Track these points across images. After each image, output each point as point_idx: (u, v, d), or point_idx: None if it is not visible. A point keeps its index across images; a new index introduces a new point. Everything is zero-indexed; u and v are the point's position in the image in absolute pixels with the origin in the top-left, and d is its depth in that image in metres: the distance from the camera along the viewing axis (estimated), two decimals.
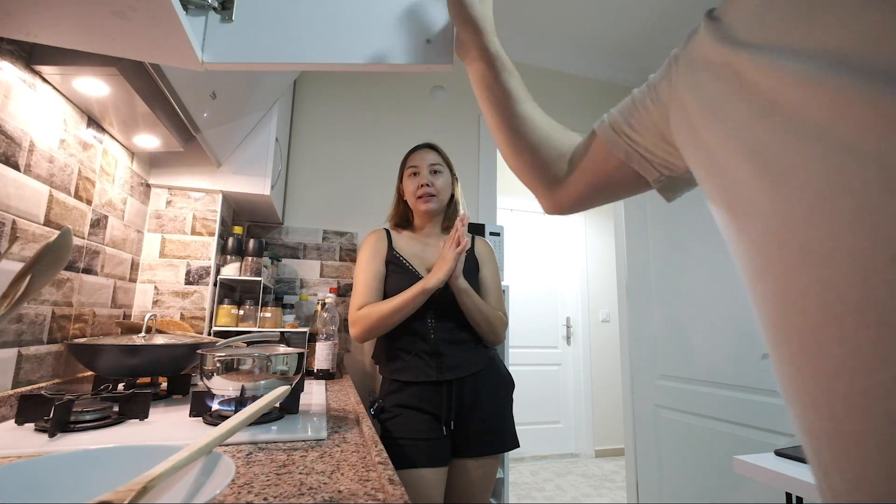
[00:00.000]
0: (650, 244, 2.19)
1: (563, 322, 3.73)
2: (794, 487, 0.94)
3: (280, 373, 0.80)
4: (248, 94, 1.29)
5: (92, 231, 1.04)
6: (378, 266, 1.20)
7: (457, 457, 1.10)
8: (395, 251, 1.23)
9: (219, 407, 0.78)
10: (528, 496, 2.75)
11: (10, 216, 0.76)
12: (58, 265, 0.58)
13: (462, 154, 2.10)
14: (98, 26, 0.61)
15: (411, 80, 2.14)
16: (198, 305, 1.35)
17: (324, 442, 0.68)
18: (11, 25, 0.63)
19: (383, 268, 1.21)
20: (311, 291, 1.79)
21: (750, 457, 1.07)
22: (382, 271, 1.20)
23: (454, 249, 1.09)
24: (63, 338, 0.95)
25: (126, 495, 0.33)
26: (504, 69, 0.59)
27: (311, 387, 1.18)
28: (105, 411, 0.73)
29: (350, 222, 1.91)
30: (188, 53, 0.62)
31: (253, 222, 1.78)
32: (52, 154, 0.87)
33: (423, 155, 1.27)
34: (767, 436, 1.57)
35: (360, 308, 1.14)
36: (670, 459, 1.97)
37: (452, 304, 1.15)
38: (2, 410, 0.76)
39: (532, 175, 0.59)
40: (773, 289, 0.28)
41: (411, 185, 1.25)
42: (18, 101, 0.77)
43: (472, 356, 1.15)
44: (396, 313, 1.09)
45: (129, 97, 0.90)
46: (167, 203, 1.37)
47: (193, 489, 0.39)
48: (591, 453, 3.55)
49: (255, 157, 1.44)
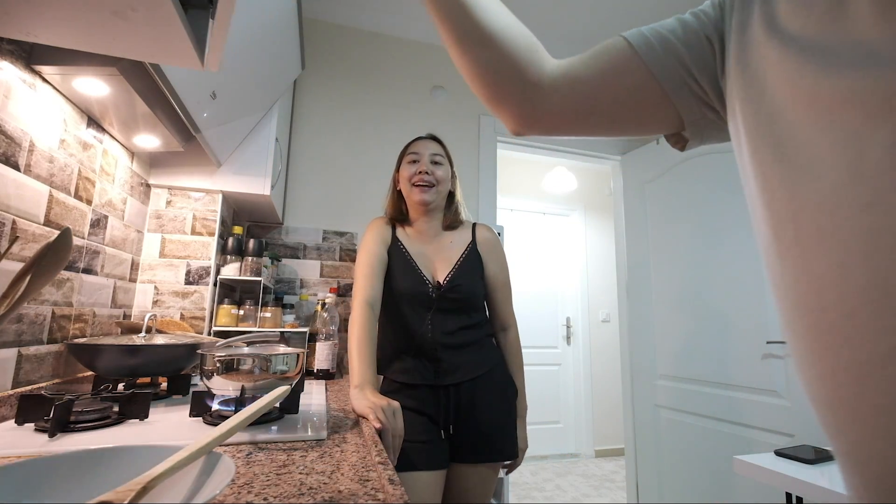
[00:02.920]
0: (650, 244, 2.19)
1: (563, 322, 3.73)
2: (794, 487, 0.94)
3: (280, 373, 0.80)
4: (248, 94, 1.29)
5: (92, 231, 1.04)
6: (381, 249, 1.15)
7: (455, 461, 1.09)
8: (399, 240, 1.19)
9: (219, 407, 0.78)
10: (528, 496, 2.75)
11: (10, 216, 0.76)
12: (58, 265, 0.58)
13: (462, 154, 2.10)
14: (98, 26, 0.61)
15: (412, 79, 2.14)
16: (198, 305, 1.35)
17: (324, 442, 0.68)
18: (11, 25, 0.63)
19: (386, 254, 1.15)
20: (311, 291, 1.79)
21: (750, 457, 1.07)
22: (385, 257, 1.15)
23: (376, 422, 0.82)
24: (63, 338, 0.95)
25: (126, 495, 0.33)
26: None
27: (311, 387, 1.18)
28: (105, 411, 0.73)
29: (350, 222, 1.91)
30: (188, 53, 0.62)
31: (253, 222, 1.78)
32: (52, 154, 0.87)
33: (426, 143, 1.21)
34: (767, 436, 1.57)
35: (360, 299, 1.06)
36: (670, 459, 1.97)
37: (453, 307, 1.13)
38: (2, 410, 0.76)
39: (497, 75, 0.45)
40: (790, 270, 0.29)
41: (408, 172, 1.18)
42: (18, 101, 0.77)
43: (473, 360, 1.12)
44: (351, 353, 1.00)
45: (129, 97, 0.90)
46: (167, 203, 1.37)
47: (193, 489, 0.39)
48: (591, 453, 3.55)
49: (255, 157, 1.44)
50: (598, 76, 0.43)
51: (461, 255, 1.19)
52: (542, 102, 0.45)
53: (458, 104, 2.19)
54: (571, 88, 0.44)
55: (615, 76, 0.42)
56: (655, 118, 0.41)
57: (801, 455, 1.03)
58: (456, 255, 1.19)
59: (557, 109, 0.45)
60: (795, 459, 1.02)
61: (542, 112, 0.45)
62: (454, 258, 1.18)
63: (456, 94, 2.19)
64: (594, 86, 0.43)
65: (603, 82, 0.43)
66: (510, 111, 0.47)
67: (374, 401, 0.83)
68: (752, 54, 0.32)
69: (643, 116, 0.42)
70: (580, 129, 0.46)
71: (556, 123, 0.46)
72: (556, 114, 0.45)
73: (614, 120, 0.44)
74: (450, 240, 1.22)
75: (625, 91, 0.42)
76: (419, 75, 2.16)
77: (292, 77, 1.61)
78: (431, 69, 2.18)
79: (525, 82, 0.45)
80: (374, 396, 0.86)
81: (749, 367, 1.63)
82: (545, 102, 0.45)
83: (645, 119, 0.42)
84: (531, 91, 0.45)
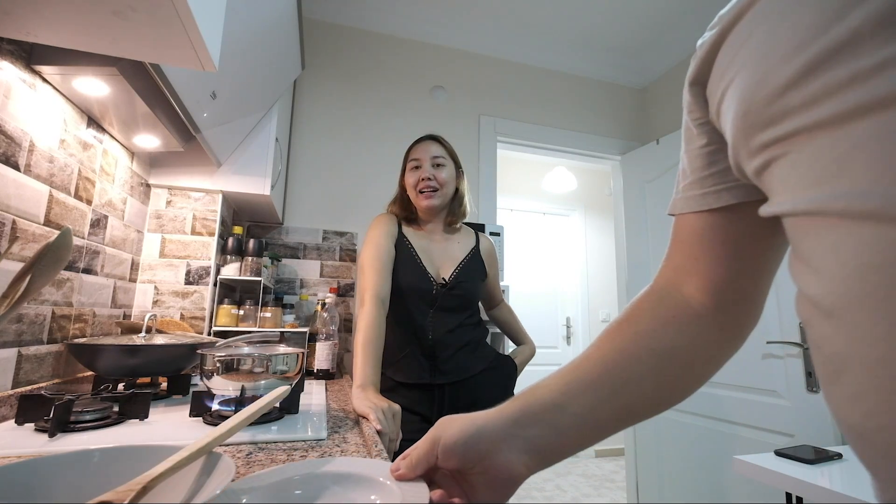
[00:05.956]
0: (650, 244, 2.19)
1: (563, 322, 3.73)
2: (794, 487, 0.94)
3: (280, 373, 0.80)
4: (248, 94, 1.29)
5: (92, 231, 1.04)
6: (389, 244, 1.15)
7: None
8: (405, 236, 1.19)
9: (219, 407, 0.78)
10: (528, 496, 2.75)
11: (10, 216, 0.76)
12: (58, 265, 0.58)
13: (462, 154, 2.08)
14: (98, 26, 0.61)
15: (411, 80, 2.14)
16: (198, 305, 1.35)
17: (324, 442, 0.68)
18: (11, 25, 0.63)
19: (393, 248, 1.15)
20: (311, 291, 1.79)
21: (750, 457, 1.07)
22: (393, 251, 1.15)
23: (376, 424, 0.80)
24: (63, 338, 0.95)
25: (126, 495, 0.33)
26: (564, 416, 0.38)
27: (311, 387, 1.18)
28: (105, 411, 0.73)
29: (350, 222, 1.91)
30: (188, 53, 0.62)
31: (253, 222, 1.78)
32: (52, 154, 0.87)
33: (427, 147, 1.22)
34: (767, 436, 1.57)
35: (371, 295, 1.04)
36: (670, 459, 1.97)
37: (455, 305, 1.14)
38: (2, 410, 0.76)
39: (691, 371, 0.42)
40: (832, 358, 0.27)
41: (412, 179, 1.20)
42: (18, 101, 0.77)
43: (471, 359, 1.13)
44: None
45: (129, 97, 0.90)
46: (167, 203, 1.37)
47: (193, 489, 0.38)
48: (591, 453, 3.55)
49: (255, 157, 1.44)
50: (698, 252, 0.42)
51: (466, 256, 1.21)
52: (725, 308, 0.42)
53: (458, 104, 2.19)
54: (709, 274, 0.41)
55: (705, 239, 0.41)
56: (752, 223, 0.38)
57: (801, 455, 1.03)
58: (461, 255, 1.21)
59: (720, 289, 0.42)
60: (795, 459, 1.02)
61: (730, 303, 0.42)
62: (459, 257, 1.20)
63: (456, 94, 2.20)
64: (707, 260, 0.42)
65: (702, 255, 0.42)
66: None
67: (376, 402, 0.83)
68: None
69: (749, 232, 0.39)
70: (749, 287, 0.43)
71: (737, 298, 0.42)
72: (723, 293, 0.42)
73: (747, 257, 0.41)
74: (456, 240, 1.25)
75: (721, 242, 0.40)
76: (419, 75, 2.16)
77: (292, 77, 1.61)
78: (431, 69, 2.18)
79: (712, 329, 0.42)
80: (375, 398, 0.86)
81: (749, 367, 1.63)
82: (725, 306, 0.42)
83: (752, 232, 0.39)
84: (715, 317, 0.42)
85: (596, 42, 2.33)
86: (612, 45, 2.36)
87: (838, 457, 1.04)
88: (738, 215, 0.38)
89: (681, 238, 0.43)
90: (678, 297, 0.43)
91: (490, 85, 2.27)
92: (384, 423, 0.79)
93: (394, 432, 0.82)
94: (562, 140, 2.35)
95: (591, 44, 2.34)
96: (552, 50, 2.35)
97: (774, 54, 0.28)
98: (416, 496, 0.37)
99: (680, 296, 0.43)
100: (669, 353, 0.41)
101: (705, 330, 0.42)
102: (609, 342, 0.42)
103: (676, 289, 0.43)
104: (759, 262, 0.40)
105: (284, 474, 0.42)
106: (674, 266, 0.44)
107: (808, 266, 0.27)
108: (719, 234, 0.40)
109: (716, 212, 0.39)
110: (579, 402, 0.38)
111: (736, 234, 0.39)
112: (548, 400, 0.39)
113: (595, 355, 0.41)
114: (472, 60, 2.26)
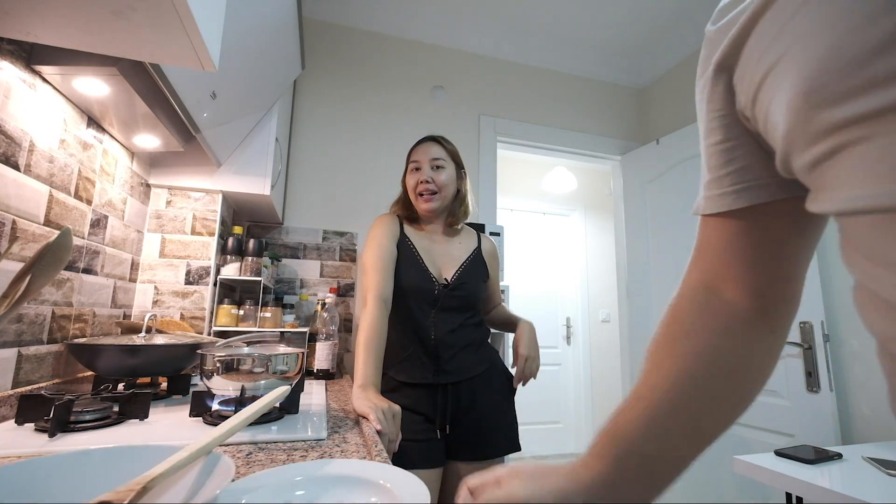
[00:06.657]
0: (650, 244, 2.19)
1: (563, 322, 3.73)
2: (794, 487, 0.94)
3: (280, 373, 0.80)
4: (248, 94, 1.29)
5: (92, 231, 1.04)
6: (391, 244, 1.15)
7: (452, 459, 1.09)
8: (407, 236, 1.19)
9: (219, 407, 0.78)
10: None
11: (10, 216, 0.76)
12: (58, 265, 0.58)
13: (462, 154, 2.09)
14: (98, 26, 0.61)
15: (411, 80, 2.14)
16: (198, 305, 1.35)
17: (324, 442, 0.68)
18: (11, 25, 0.63)
19: (395, 248, 1.15)
20: (311, 291, 1.79)
21: (750, 457, 1.07)
22: (395, 252, 1.15)
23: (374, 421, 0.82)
24: (63, 338, 0.95)
25: (126, 495, 0.33)
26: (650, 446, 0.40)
27: (311, 387, 1.18)
28: (105, 411, 0.73)
29: (350, 222, 1.91)
30: (188, 53, 0.62)
31: (253, 222, 1.78)
32: (52, 154, 0.87)
33: (426, 149, 1.22)
34: (767, 436, 1.57)
35: (374, 295, 1.04)
36: None
37: (457, 305, 1.14)
38: (2, 410, 0.76)
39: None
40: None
41: (411, 181, 1.21)
42: (18, 101, 0.77)
43: (473, 360, 1.13)
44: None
45: (129, 97, 0.90)
46: (167, 203, 1.37)
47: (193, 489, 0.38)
48: None
49: (255, 157, 1.44)
50: (723, 254, 0.41)
51: (468, 257, 1.21)
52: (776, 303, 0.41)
53: (458, 104, 2.19)
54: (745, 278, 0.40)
55: (733, 238, 0.40)
56: (788, 215, 0.36)
57: (801, 455, 1.03)
58: (463, 256, 1.21)
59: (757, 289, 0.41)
60: (795, 459, 1.02)
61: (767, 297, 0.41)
62: (461, 258, 1.20)
63: (456, 94, 2.20)
64: (735, 261, 0.40)
65: (731, 255, 0.41)
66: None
67: (376, 402, 0.84)
68: None
69: (783, 224, 0.37)
70: (782, 279, 0.41)
71: (777, 296, 0.41)
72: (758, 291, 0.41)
73: (778, 248, 0.39)
74: (458, 241, 1.25)
75: (747, 239, 0.39)
76: (419, 75, 2.15)
77: (292, 77, 1.61)
78: (431, 69, 2.18)
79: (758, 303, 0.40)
80: (375, 398, 0.86)
81: None
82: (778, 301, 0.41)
83: (788, 222, 0.37)
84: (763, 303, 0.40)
85: (596, 42, 2.33)
86: (612, 46, 2.36)
87: (838, 457, 1.04)
88: (763, 217, 0.36)
89: (708, 241, 0.42)
90: (719, 303, 0.40)
91: (490, 85, 2.27)
92: (384, 424, 0.79)
93: (393, 433, 0.82)
94: (562, 140, 2.35)
95: (591, 44, 2.34)
96: (552, 50, 2.35)
97: (852, 16, 0.23)
98: (416, 497, 0.37)
99: (722, 302, 0.40)
100: (737, 369, 0.40)
101: (758, 336, 0.40)
102: (671, 361, 0.40)
103: (715, 294, 0.41)
104: (792, 262, 0.39)
105: (285, 475, 0.43)
106: (704, 269, 0.42)
107: (886, 268, 0.24)
108: (747, 238, 0.38)
109: (739, 214, 0.37)
110: (666, 447, 0.39)
111: (764, 237, 0.37)
112: (638, 450, 0.39)
113: (662, 385, 0.40)
114: (472, 60, 2.26)
